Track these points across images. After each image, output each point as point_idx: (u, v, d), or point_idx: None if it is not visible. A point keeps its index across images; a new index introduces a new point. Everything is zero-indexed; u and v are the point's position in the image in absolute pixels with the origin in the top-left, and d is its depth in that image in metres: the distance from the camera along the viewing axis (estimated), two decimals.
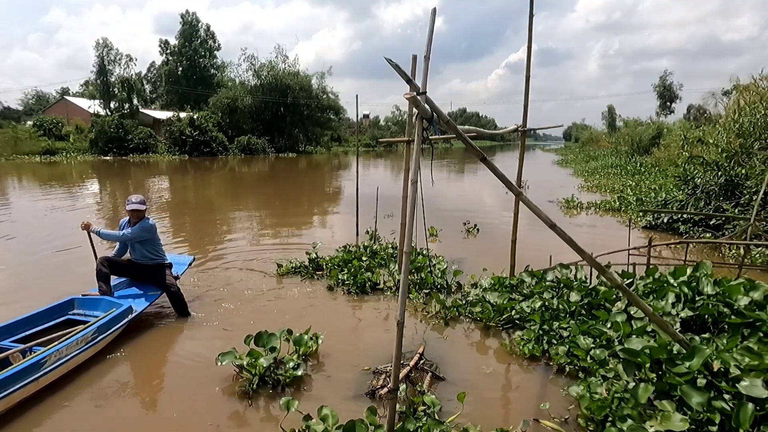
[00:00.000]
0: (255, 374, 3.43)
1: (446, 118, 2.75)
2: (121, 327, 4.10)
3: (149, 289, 4.81)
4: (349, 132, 62.42)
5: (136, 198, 4.77)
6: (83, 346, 3.64)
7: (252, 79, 45.88)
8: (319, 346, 3.99)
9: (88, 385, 3.51)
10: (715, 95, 25.36)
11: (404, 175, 5.70)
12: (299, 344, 3.85)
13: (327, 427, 2.76)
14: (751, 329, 3.30)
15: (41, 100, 64.59)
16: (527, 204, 2.97)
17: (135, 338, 4.32)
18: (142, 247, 4.81)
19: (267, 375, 3.48)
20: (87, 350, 3.68)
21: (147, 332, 4.47)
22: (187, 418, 3.15)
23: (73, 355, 3.54)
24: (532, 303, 4.50)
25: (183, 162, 32.36)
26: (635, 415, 2.66)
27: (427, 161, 3.51)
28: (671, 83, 45.61)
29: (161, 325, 4.66)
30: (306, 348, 3.87)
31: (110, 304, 4.22)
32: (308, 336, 3.94)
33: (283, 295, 5.62)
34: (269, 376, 3.48)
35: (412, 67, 5.20)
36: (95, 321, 3.85)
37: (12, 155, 32.11)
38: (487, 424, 2.93)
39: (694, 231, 8.26)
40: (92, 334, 3.72)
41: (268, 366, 3.47)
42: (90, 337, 3.70)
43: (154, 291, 4.79)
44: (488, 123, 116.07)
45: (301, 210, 13.18)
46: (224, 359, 3.44)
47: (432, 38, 2.72)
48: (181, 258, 5.70)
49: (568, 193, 13.39)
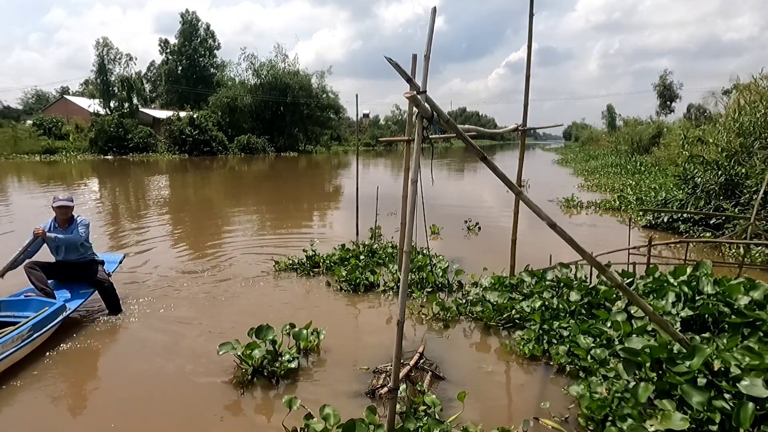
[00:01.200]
0: (251, 365, 3.54)
1: (446, 118, 2.75)
2: (56, 325, 4.11)
3: (80, 288, 4.80)
4: (349, 131, 62.38)
5: (64, 195, 4.74)
6: (19, 344, 3.65)
7: (252, 79, 45.88)
8: (321, 341, 4.04)
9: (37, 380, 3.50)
10: (715, 95, 25.37)
11: (404, 175, 5.70)
12: (298, 338, 3.92)
13: (327, 426, 2.76)
14: (751, 329, 3.30)
15: (41, 99, 64.54)
16: (527, 203, 2.97)
17: (135, 337, 4.35)
18: (79, 245, 4.78)
19: (262, 367, 3.58)
20: (23, 348, 3.70)
21: (147, 331, 4.49)
22: (188, 409, 3.24)
23: (9, 353, 3.55)
24: (532, 302, 4.49)
25: (183, 161, 32.35)
26: (635, 415, 2.66)
27: (428, 160, 3.51)
28: (671, 83, 45.64)
29: (153, 323, 4.68)
30: (307, 342, 3.94)
31: (42, 303, 4.20)
32: (308, 330, 4.00)
33: (280, 291, 5.66)
34: (265, 368, 3.57)
35: (412, 66, 5.20)
36: (29, 319, 3.85)
37: (12, 154, 32.10)
38: (488, 423, 2.93)
39: (694, 230, 8.26)
40: (27, 332, 3.74)
41: (262, 357, 3.56)
42: (25, 334, 3.72)
43: (86, 289, 4.79)
44: (488, 122, 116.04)
45: (301, 208, 13.18)
46: (223, 349, 3.53)
47: (432, 38, 2.71)
48: (112, 256, 5.68)
49: (568, 193, 13.38)
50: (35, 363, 3.81)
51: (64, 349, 4.09)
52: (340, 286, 5.62)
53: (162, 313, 4.94)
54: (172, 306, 5.13)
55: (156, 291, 5.60)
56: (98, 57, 38.75)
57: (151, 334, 4.44)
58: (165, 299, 5.33)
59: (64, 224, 4.75)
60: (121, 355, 4.07)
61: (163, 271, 6.36)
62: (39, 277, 4.50)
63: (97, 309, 4.93)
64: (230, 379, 3.56)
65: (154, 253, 7.45)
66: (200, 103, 44.82)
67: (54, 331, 4.14)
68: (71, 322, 4.53)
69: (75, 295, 4.69)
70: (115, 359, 4.02)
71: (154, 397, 3.42)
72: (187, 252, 7.62)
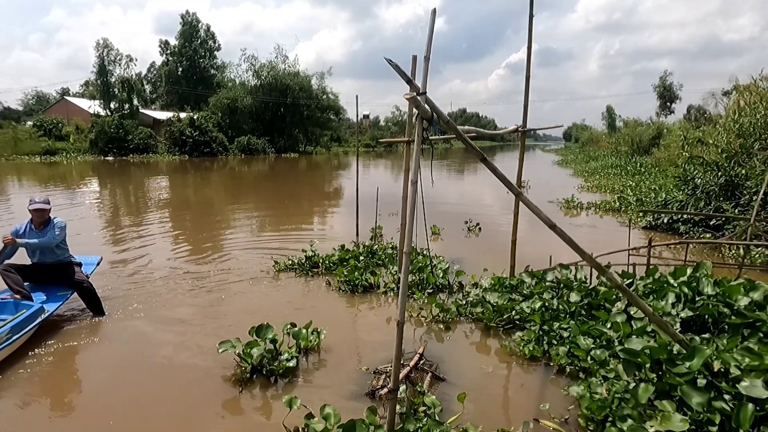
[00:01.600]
0: (250, 363, 3.59)
1: (446, 119, 2.75)
2: (35, 327, 4.09)
3: (58, 290, 4.76)
4: (349, 132, 62.39)
5: (40, 197, 4.71)
6: None
7: (252, 80, 45.89)
8: (321, 341, 4.07)
9: None
10: (715, 95, 25.39)
11: (404, 176, 5.71)
12: (298, 338, 3.97)
13: (328, 426, 2.76)
14: (751, 329, 3.30)
15: (41, 100, 64.58)
16: (527, 204, 2.97)
17: (134, 335, 4.35)
18: (55, 247, 4.75)
19: (261, 365, 3.62)
20: (1, 351, 3.67)
21: (147, 329, 4.49)
22: (187, 407, 3.29)
23: None
24: (532, 303, 4.49)
25: (183, 162, 32.35)
26: (635, 415, 2.66)
27: (427, 161, 3.51)
28: (671, 83, 45.65)
29: (153, 321, 4.69)
30: (307, 342, 3.97)
31: (19, 306, 4.18)
32: (308, 330, 4.04)
33: (279, 291, 5.69)
34: (264, 366, 3.61)
35: (412, 67, 5.20)
36: (7, 322, 3.83)
37: (12, 155, 32.10)
38: (488, 424, 2.93)
39: (694, 231, 8.26)
40: (6, 334, 3.72)
41: (261, 356, 3.59)
42: (3, 337, 3.70)
43: (64, 291, 4.75)
44: (488, 123, 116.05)
45: (301, 209, 13.18)
46: (223, 347, 3.61)
47: (432, 38, 2.72)
48: (89, 258, 5.63)
49: (568, 194, 13.39)
50: (35, 362, 3.82)
51: (58, 348, 4.09)
52: (340, 286, 5.63)
53: (161, 311, 4.95)
54: (171, 305, 5.15)
55: (155, 289, 5.61)
56: (98, 58, 38.76)
57: (150, 333, 4.45)
58: (164, 298, 5.35)
59: (40, 226, 4.71)
60: (119, 354, 4.07)
61: (162, 271, 6.37)
62: (15, 279, 4.44)
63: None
64: (230, 377, 3.59)
65: (154, 252, 7.45)
66: (200, 104, 44.83)
67: (33, 333, 4.11)
68: (57, 323, 4.52)
69: (53, 298, 4.64)
70: (113, 358, 4.02)
71: (152, 396, 3.42)
72: (187, 251, 7.62)
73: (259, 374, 3.61)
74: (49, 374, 3.72)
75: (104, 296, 5.11)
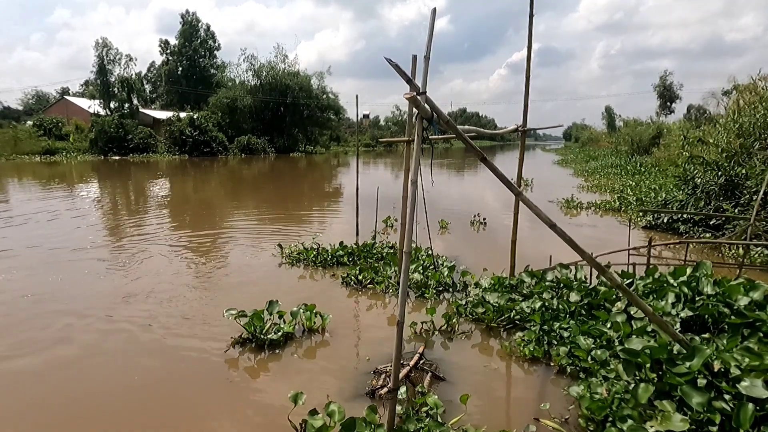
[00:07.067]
0: (249, 331, 4.13)
1: (446, 118, 2.75)
2: None
3: None
4: (349, 132, 62.38)
5: None
6: None
7: (252, 79, 45.91)
8: (326, 324, 4.43)
9: None
10: (715, 95, 25.40)
11: (404, 175, 5.70)
12: (294, 316, 4.41)
13: (327, 423, 2.75)
14: (751, 329, 3.30)
15: (41, 99, 64.53)
16: (527, 204, 2.97)
17: (134, 326, 4.35)
18: None
19: (255, 335, 4.10)
20: None
21: (154, 311, 4.49)
22: (192, 383, 3.56)
23: None
24: (532, 303, 4.49)
25: (183, 162, 32.34)
26: (635, 416, 2.66)
27: (427, 161, 3.51)
28: (671, 83, 45.67)
29: (158, 307, 4.70)
30: (310, 323, 4.40)
31: None
32: (311, 312, 4.42)
33: (281, 283, 5.90)
34: (257, 337, 4.09)
35: (413, 67, 5.19)
36: None
37: (12, 155, 32.09)
38: (488, 424, 2.93)
39: (694, 231, 8.26)
40: None
41: (255, 327, 4.09)
42: None
43: None
44: (488, 123, 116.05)
45: (302, 208, 13.17)
46: (229, 313, 4.14)
47: (432, 38, 2.71)
48: None
49: (568, 193, 13.39)
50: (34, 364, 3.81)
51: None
52: (343, 280, 5.79)
53: (165, 303, 5.05)
54: (174, 298, 5.23)
55: (158, 285, 5.64)
56: (98, 58, 38.74)
57: (156, 317, 4.66)
58: (168, 289, 5.48)
59: None
60: (123, 335, 4.21)
61: (163, 269, 6.36)
62: None
63: None
64: (230, 346, 4.02)
65: (154, 251, 7.44)
66: (200, 103, 44.82)
67: None
68: None
69: None
70: (118, 339, 4.18)
71: (161, 374, 3.66)
72: (187, 251, 7.61)
73: (260, 347, 4.02)
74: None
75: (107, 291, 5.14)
